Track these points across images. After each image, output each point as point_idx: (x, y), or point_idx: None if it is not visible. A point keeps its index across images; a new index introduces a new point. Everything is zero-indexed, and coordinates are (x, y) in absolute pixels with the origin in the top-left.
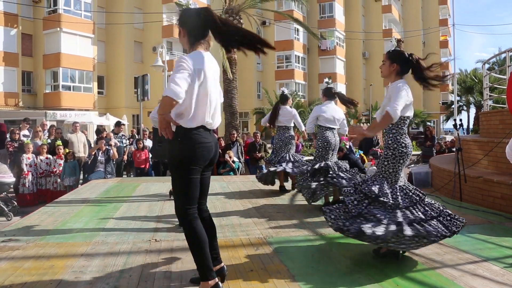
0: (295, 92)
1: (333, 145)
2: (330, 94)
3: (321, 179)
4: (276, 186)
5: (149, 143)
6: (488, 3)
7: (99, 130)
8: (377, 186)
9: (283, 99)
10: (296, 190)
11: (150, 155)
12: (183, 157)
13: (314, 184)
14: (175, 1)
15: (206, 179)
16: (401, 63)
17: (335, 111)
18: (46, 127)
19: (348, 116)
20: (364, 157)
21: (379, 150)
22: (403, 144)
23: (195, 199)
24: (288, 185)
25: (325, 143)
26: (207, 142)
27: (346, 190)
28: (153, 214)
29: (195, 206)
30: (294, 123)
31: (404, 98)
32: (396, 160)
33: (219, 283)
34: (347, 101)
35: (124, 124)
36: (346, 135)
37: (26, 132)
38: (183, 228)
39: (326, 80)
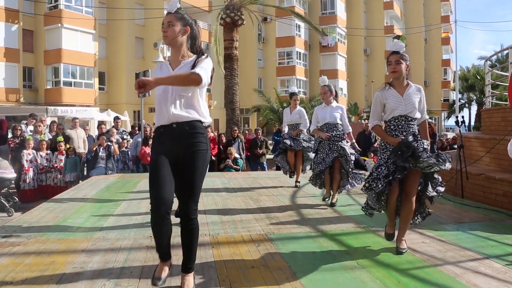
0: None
1: None
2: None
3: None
4: (276, 183)
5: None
6: (490, 1)
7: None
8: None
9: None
10: (297, 186)
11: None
12: (209, 153)
13: None
14: None
15: None
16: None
17: None
18: (45, 122)
19: (349, 112)
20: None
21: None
22: None
23: None
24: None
25: None
26: None
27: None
28: None
29: None
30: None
31: None
32: None
33: None
34: None
35: (120, 119)
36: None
37: (32, 127)
38: (194, 224)
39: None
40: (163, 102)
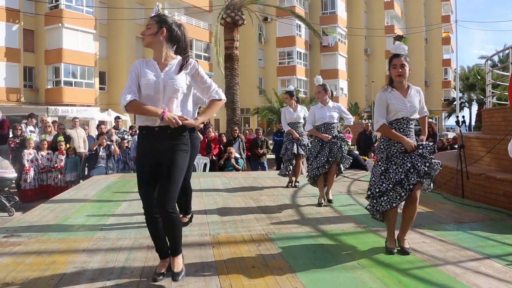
0: (296, 88)
1: None
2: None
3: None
4: (277, 183)
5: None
6: (490, 0)
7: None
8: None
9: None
10: (297, 186)
11: None
12: (189, 154)
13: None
14: None
15: None
16: None
17: None
18: (47, 122)
19: (350, 112)
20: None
21: None
22: None
23: None
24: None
25: None
26: None
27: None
28: None
29: None
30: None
31: None
32: None
33: None
34: None
35: (120, 118)
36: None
37: (32, 128)
38: (173, 216)
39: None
40: (152, 104)
